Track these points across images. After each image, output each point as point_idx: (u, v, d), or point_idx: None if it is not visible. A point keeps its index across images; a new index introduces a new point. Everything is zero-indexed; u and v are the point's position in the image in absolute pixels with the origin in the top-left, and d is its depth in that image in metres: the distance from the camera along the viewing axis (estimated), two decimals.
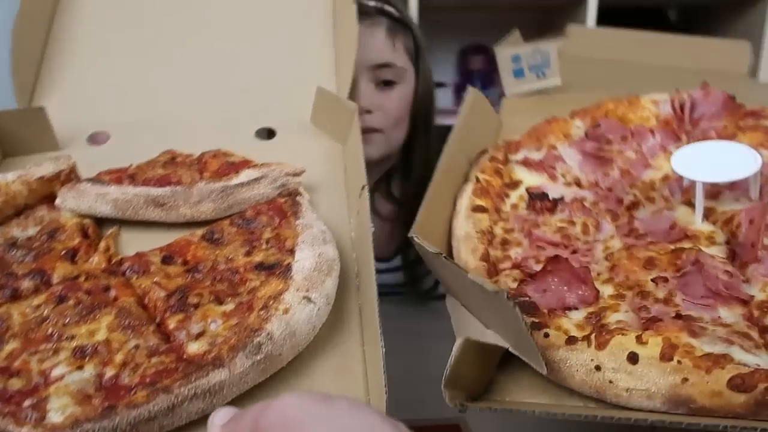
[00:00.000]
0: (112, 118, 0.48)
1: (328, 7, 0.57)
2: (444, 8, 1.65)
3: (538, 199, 0.44)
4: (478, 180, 0.46)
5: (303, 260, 0.37)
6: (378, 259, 0.84)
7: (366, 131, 0.75)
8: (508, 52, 0.61)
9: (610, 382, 0.30)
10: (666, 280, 0.35)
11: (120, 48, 0.54)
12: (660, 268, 0.36)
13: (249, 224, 0.40)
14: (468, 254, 0.41)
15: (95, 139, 0.48)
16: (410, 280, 0.84)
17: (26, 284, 0.36)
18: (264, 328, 0.33)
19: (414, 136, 0.83)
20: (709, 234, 0.39)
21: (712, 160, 0.40)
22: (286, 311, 0.34)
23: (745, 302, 0.34)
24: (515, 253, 0.41)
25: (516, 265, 0.39)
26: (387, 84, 0.80)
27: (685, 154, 0.42)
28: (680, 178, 0.42)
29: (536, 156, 0.49)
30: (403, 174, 0.86)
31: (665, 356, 0.30)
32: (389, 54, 0.79)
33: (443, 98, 1.75)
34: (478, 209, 0.44)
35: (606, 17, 1.39)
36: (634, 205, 0.43)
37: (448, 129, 1.25)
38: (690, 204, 0.41)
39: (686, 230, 0.39)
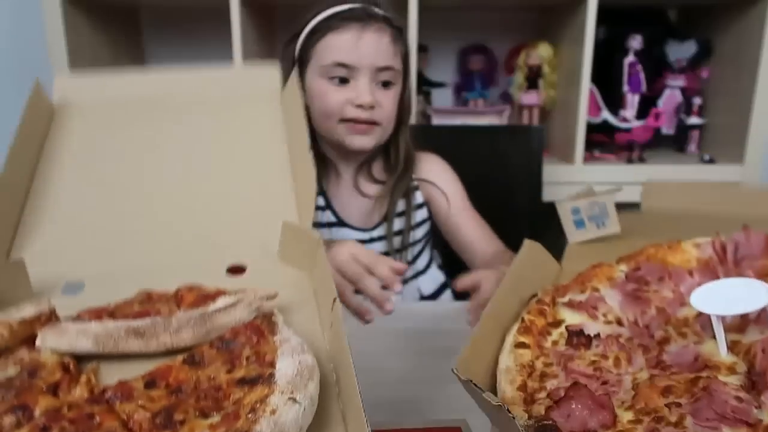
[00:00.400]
0: (85, 270, 0.51)
1: (284, 153, 0.63)
2: (444, 8, 1.64)
3: (575, 336, 0.48)
4: (523, 320, 0.51)
5: (284, 368, 0.39)
6: (360, 228, 1.00)
7: (369, 123, 0.92)
8: (568, 205, 0.68)
9: None
10: (679, 405, 0.38)
11: (92, 201, 0.58)
12: (676, 395, 0.39)
13: (228, 345, 0.42)
14: (507, 384, 0.45)
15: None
16: (392, 251, 0.97)
17: (8, 420, 0.37)
18: (253, 429, 0.34)
19: (397, 128, 0.98)
20: (731, 364, 0.42)
21: (729, 296, 0.43)
22: (273, 412, 0.35)
23: (752, 426, 0.36)
24: (551, 384, 0.44)
25: (549, 395, 0.43)
26: (384, 84, 0.93)
27: (705, 291, 0.45)
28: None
29: (580, 298, 0.53)
30: (384, 159, 1.00)
31: None
32: (391, 58, 0.93)
33: (443, 98, 1.75)
34: (520, 345, 0.49)
35: (606, 17, 1.38)
36: (666, 340, 0.46)
37: (446, 128, 1.28)
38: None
39: (708, 361, 0.42)
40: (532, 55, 1.50)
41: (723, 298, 0.43)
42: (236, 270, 0.52)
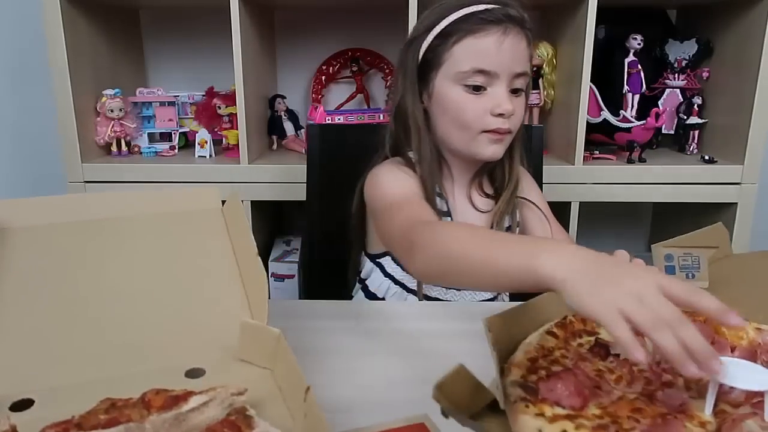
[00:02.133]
0: (34, 386, 0.50)
1: (231, 261, 0.65)
2: None
3: (598, 345, 0.53)
4: (565, 317, 0.56)
5: None
6: None
7: (503, 132, 0.86)
8: (663, 251, 0.71)
9: None
10: (638, 421, 0.43)
11: (37, 320, 0.57)
12: (642, 416, 0.43)
13: None
14: (521, 353, 0.51)
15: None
16: None
17: None
18: None
19: (515, 137, 0.92)
20: (705, 422, 0.44)
21: (739, 372, 0.45)
22: None
23: None
24: (556, 369, 0.49)
25: (546, 371, 0.48)
26: (514, 91, 0.86)
27: (725, 361, 0.46)
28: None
29: None
30: (490, 171, 0.95)
31: None
32: (526, 64, 0.87)
33: None
34: (551, 334, 0.54)
35: (606, 17, 1.38)
36: (670, 384, 0.49)
37: None
38: (714, 403, 0.46)
39: (689, 410, 0.45)
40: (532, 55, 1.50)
41: (733, 371, 0.45)
42: (195, 373, 0.53)
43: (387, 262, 0.97)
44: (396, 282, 0.96)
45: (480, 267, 0.57)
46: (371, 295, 0.99)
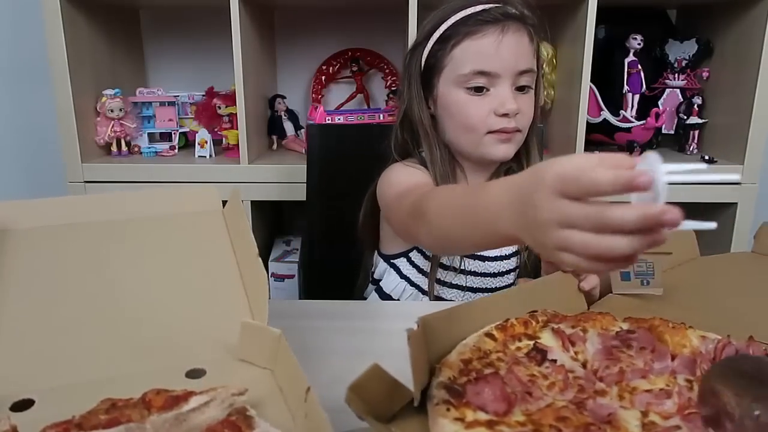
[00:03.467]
0: (34, 386, 0.50)
1: (232, 261, 0.65)
2: None
3: (535, 350, 0.52)
4: (508, 320, 0.55)
5: None
6: (491, 257, 0.93)
7: (511, 131, 0.85)
8: None
9: None
10: (560, 430, 0.42)
11: (38, 320, 0.57)
12: (565, 425, 0.42)
13: None
14: (455, 353, 0.50)
15: None
16: (519, 266, 0.95)
17: None
18: None
19: (529, 137, 0.91)
20: None
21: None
22: None
23: None
24: (488, 371, 0.48)
25: (476, 374, 0.47)
26: (520, 89, 0.86)
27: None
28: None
29: (568, 330, 0.55)
30: (506, 172, 0.93)
31: None
32: (530, 60, 0.86)
33: None
34: (489, 336, 0.53)
35: (606, 17, 1.38)
36: (602, 394, 0.47)
37: None
38: (645, 414, 0.45)
39: (616, 422, 0.43)
40: None
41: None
42: (195, 374, 0.53)
43: (402, 263, 0.97)
44: (412, 284, 0.96)
45: (463, 239, 0.60)
46: (386, 297, 0.98)
